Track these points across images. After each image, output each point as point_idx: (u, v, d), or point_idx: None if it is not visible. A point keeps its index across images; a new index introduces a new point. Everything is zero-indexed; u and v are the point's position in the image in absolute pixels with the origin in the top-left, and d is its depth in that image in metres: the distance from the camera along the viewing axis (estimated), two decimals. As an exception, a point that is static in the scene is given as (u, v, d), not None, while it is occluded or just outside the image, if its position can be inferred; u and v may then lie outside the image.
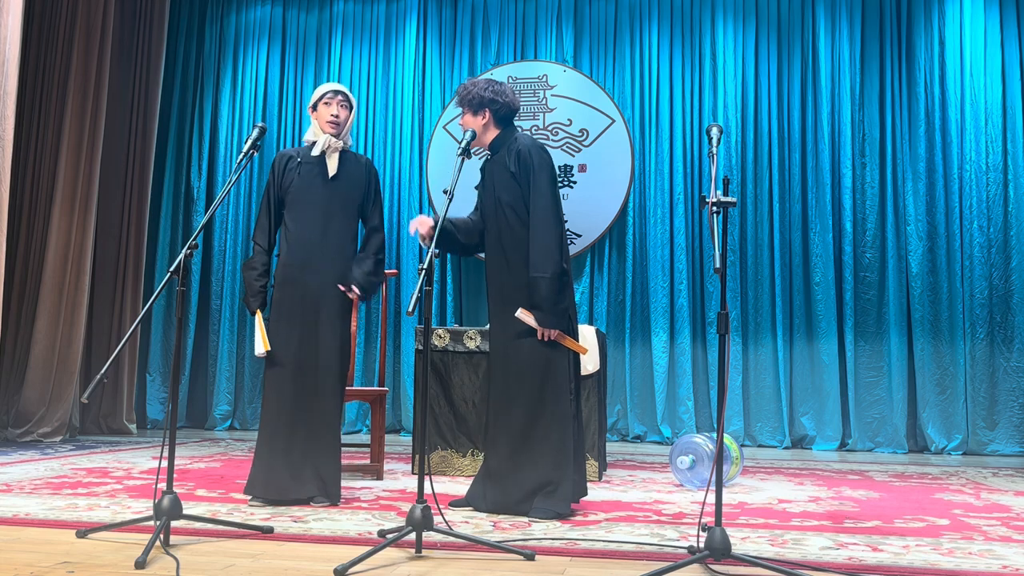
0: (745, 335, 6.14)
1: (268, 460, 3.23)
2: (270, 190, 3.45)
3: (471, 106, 3.26)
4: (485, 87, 3.25)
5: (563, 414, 3.07)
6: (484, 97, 3.23)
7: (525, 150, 3.18)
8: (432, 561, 2.38)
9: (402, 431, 6.39)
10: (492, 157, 3.30)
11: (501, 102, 3.25)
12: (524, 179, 3.15)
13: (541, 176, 3.14)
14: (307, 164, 3.42)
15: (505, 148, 3.24)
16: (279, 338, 3.30)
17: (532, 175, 3.14)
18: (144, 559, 2.24)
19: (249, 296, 3.39)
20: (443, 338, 4.34)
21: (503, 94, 3.26)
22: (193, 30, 7.08)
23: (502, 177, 3.21)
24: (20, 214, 5.72)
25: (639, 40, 6.53)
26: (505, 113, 3.27)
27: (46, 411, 5.55)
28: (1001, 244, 5.85)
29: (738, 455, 4.02)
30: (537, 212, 3.10)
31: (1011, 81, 5.95)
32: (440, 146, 6.60)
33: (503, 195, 3.19)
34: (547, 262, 3.04)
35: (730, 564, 2.32)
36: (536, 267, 3.05)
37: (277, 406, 3.26)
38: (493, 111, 3.25)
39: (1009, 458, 5.54)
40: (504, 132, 3.29)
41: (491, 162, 3.30)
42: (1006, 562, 2.46)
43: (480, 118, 3.26)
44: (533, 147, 3.20)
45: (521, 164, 3.16)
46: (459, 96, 3.30)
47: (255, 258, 3.42)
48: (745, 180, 6.24)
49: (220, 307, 6.73)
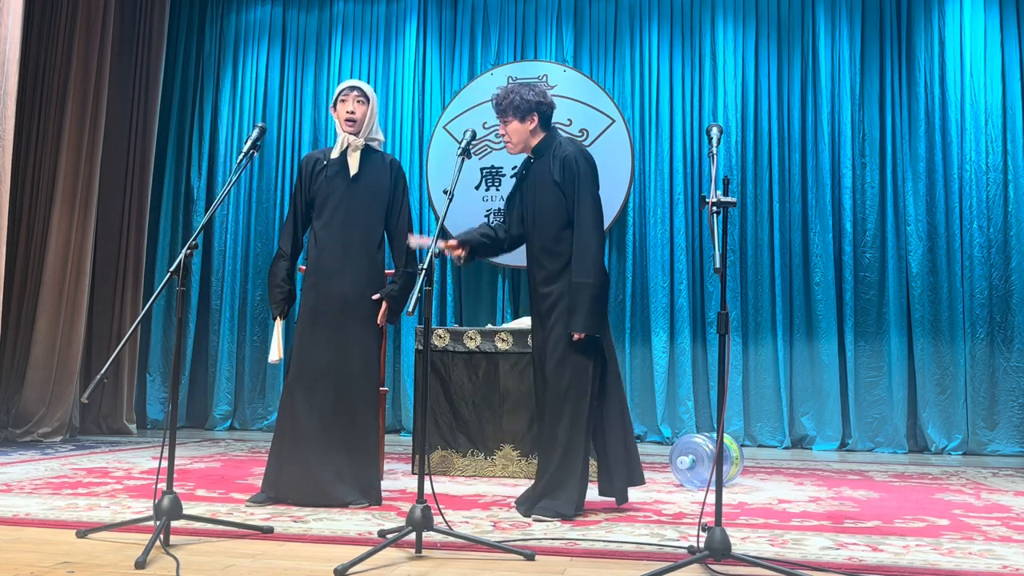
0: (745, 335, 6.14)
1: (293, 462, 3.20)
2: (297, 195, 3.42)
3: (518, 112, 3.19)
4: (528, 91, 3.21)
5: (576, 417, 3.09)
6: (531, 101, 3.19)
7: (571, 157, 3.14)
8: (432, 561, 2.38)
9: (402, 431, 6.39)
10: (535, 162, 3.25)
11: (547, 103, 3.23)
12: (569, 187, 3.13)
13: (586, 184, 3.12)
14: (331, 165, 3.37)
15: (550, 153, 3.20)
16: (305, 344, 3.27)
17: (577, 183, 3.12)
18: (144, 559, 2.24)
19: (272, 304, 3.39)
20: (443, 338, 4.34)
21: (545, 95, 3.23)
22: (193, 30, 7.08)
23: (545, 184, 3.17)
24: (20, 214, 5.72)
25: (639, 40, 6.53)
26: (550, 115, 3.25)
27: (46, 411, 5.55)
28: (1001, 244, 5.85)
29: (738, 455, 4.02)
30: (582, 220, 3.09)
31: (1011, 81, 5.95)
32: (440, 146, 6.60)
33: (546, 200, 3.16)
34: (591, 269, 3.06)
35: (730, 564, 2.32)
36: (580, 273, 3.06)
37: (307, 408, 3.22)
38: (540, 113, 3.22)
39: (1009, 458, 5.54)
40: (548, 135, 3.25)
41: (534, 167, 3.25)
42: (1006, 562, 2.46)
43: (529, 123, 3.21)
44: (579, 154, 3.16)
45: (567, 172, 3.13)
46: (500, 104, 3.22)
47: (276, 264, 3.41)
48: (745, 180, 6.24)
49: (220, 307, 6.73)
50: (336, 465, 3.20)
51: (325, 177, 3.37)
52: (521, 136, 3.22)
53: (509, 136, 3.24)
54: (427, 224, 6.62)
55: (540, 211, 3.18)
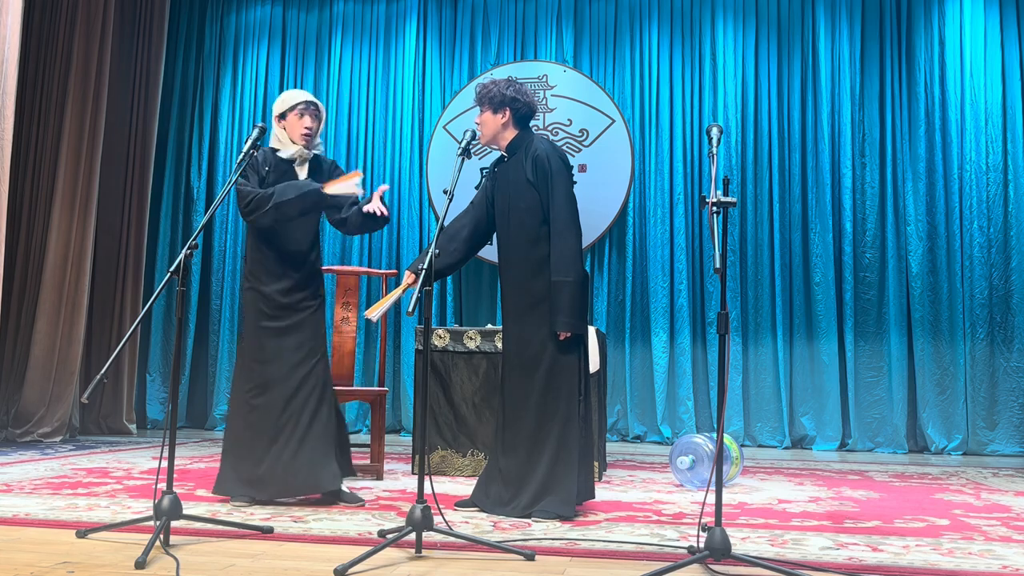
0: (745, 335, 6.14)
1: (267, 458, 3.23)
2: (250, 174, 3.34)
3: (491, 104, 3.23)
4: (507, 86, 3.23)
5: (570, 416, 3.07)
6: (506, 95, 3.21)
7: (543, 155, 3.15)
8: (432, 561, 2.38)
9: (402, 431, 6.39)
10: (508, 160, 3.27)
11: (523, 101, 3.23)
12: (543, 186, 3.13)
13: (559, 182, 3.13)
14: (275, 174, 3.35)
15: (522, 151, 3.22)
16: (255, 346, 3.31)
17: (551, 181, 3.12)
18: (144, 559, 2.24)
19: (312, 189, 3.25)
20: (443, 338, 4.34)
21: (525, 94, 3.24)
22: (193, 30, 7.08)
23: (518, 182, 3.18)
24: (20, 214, 5.72)
25: (639, 40, 6.53)
26: (525, 113, 3.26)
27: (46, 411, 5.55)
28: (1001, 244, 5.85)
29: (738, 455, 4.02)
30: (558, 218, 3.10)
31: (1011, 81, 5.95)
32: (440, 146, 6.60)
33: (519, 201, 3.17)
34: (570, 267, 3.06)
35: (730, 564, 2.32)
36: (559, 272, 3.06)
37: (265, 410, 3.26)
38: (514, 110, 3.23)
39: (1009, 458, 5.54)
40: (522, 133, 3.26)
41: (506, 165, 3.27)
42: (1006, 562, 2.46)
43: (500, 116, 3.23)
44: (552, 153, 3.17)
45: (539, 171, 3.14)
46: (478, 94, 3.27)
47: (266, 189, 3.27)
48: (745, 180, 6.24)
49: (220, 307, 6.73)
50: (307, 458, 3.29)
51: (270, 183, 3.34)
52: (492, 128, 3.25)
53: (481, 126, 3.28)
54: (427, 224, 6.62)
55: (514, 211, 3.18)
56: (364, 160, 6.77)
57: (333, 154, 6.78)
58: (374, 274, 4.82)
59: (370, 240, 6.68)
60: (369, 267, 6.60)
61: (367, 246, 6.68)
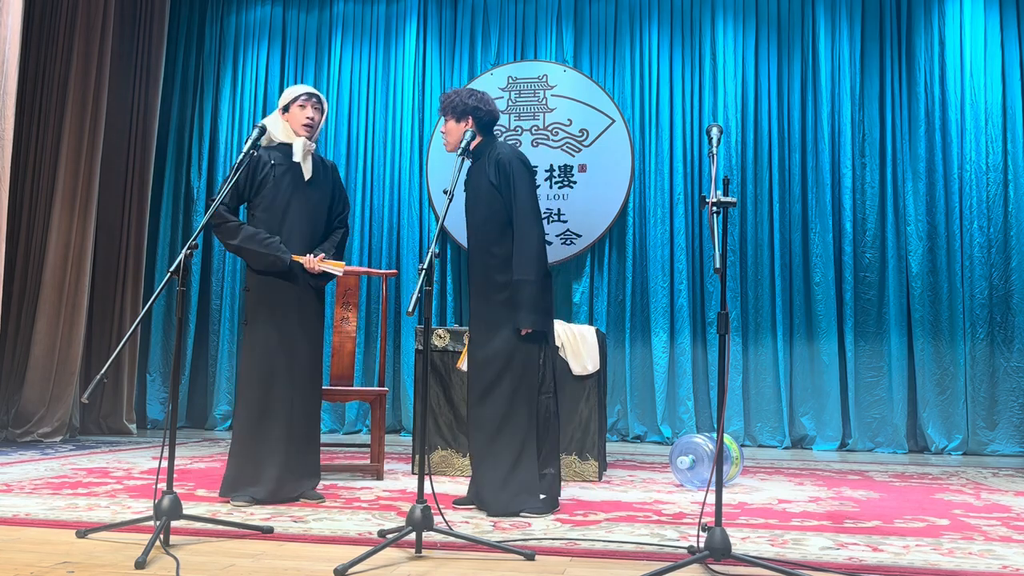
0: (745, 335, 6.14)
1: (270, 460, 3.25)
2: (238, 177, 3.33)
3: (455, 113, 3.34)
4: (468, 95, 3.35)
5: (531, 412, 3.15)
6: (468, 104, 3.32)
7: (505, 159, 3.26)
8: (432, 561, 2.38)
9: (402, 431, 6.39)
10: (473, 164, 3.38)
11: (485, 110, 3.34)
12: (505, 189, 3.24)
13: (521, 185, 3.23)
14: (280, 167, 3.40)
15: (486, 156, 3.33)
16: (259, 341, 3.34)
17: (513, 184, 3.23)
18: (144, 559, 2.24)
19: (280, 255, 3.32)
20: (443, 338, 4.34)
21: (486, 103, 3.36)
22: (193, 30, 7.08)
23: (483, 186, 3.29)
24: (20, 214, 5.72)
25: (639, 40, 6.53)
26: (488, 121, 3.36)
27: (46, 411, 5.55)
28: (1001, 244, 5.85)
29: (738, 455, 4.02)
30: (520, 220, 3.20)
31: (1011, 81, 5.95)
32: (440, 146, 6.60)
33: (483, 204, 3.28)
34: (531, 267, 3.15)
35: (730, 564, 2.32)
36: (520, 271, 3.15)
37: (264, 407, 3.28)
38: (476, 119, 3.33)
39: (1009, 458, 5.54)
40: (485, 140, 3.37)
41: (471, 169, 3.39)
42: (1006, 562, 2.46)
43: (464, 125, 3.34)
44: (513, 157, 3.28)
45: (501, 174, 3.24)
46: (442, 104, 3.39)
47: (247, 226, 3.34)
48: (745, 180, 6.24)
49: (220, 307, 6.73)
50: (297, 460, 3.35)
51: (274, 178, 3.38)
52: (455, 136, 3.35)
53: (446, 135, 3.39)
54: (427, 224, 6.62)
55: (479, 214, 3.29)
56: (364, 160, 6.77)
57: (333, 155, 6.78)
58: (374, 274, 4.82)
59: (370, 240, 6.68)
60: (369, 267, 6.60)
61: (367, 246, 6.68)
